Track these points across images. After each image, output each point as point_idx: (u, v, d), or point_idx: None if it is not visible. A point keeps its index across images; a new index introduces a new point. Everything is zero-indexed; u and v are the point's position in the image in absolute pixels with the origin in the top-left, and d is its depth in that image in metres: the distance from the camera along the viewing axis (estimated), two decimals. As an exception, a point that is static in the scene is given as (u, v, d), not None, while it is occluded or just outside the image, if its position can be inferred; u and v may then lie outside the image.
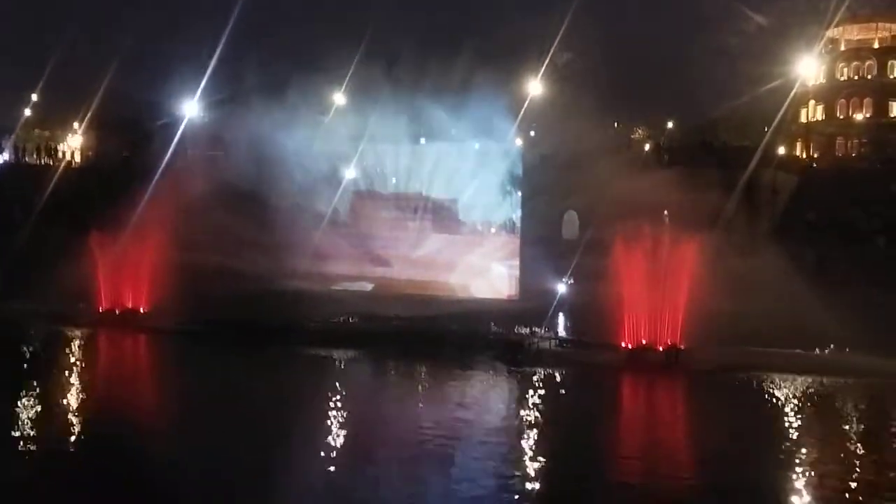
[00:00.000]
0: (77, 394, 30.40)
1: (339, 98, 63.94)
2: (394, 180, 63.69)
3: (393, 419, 27.58)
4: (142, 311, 46.62)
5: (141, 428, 25.15)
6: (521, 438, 25.25)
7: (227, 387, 30.78)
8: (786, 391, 31.92)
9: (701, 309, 35.20)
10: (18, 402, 27.45)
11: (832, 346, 35.70)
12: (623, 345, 36.36)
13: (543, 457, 23.49)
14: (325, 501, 20.40)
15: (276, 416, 26.26)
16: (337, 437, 24.77)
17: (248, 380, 32.16)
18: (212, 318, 42.75)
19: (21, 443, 23.61)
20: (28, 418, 26.23)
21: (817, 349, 35.79)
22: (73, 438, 24.36)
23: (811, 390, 32.07)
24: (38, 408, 27.37)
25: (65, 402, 28.68)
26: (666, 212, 53.26)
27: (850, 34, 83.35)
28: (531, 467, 22.61)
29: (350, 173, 60.67)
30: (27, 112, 66.91)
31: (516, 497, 20.48)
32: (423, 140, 63.87)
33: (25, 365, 35.21)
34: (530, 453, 23.88)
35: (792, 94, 69.94)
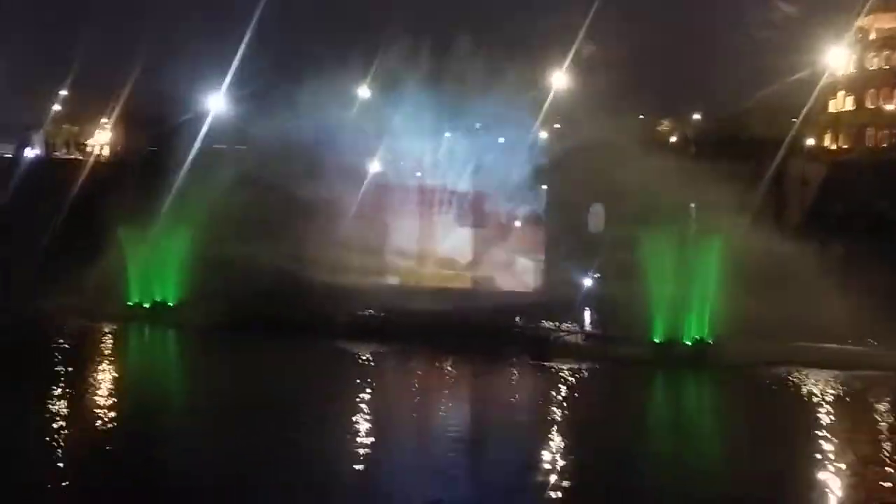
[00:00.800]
0: (89, 401, 29.16)
1: (363, 91, 64.47)
2: (418, 174, 64.37)
3: (416, 419, 27.87)
4: (171, 305, 47.58)
5: (166, 428, 25.71)
6: (544, 447, 23.79)
7: (255, 383, 30.84)
8: (820, 386, 32.05)
9: (729, 303, 35.46)
10: (52, 398, 28.25)
11: (861, 339, 35.84)
12: (651, 339, 36.74)
13: (570, 471, 22.18)
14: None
15: (301, 413, 26.68)
16: (360, 437, 24.68)
17: (278, 376, 32.41)
18: (239, 313, 43.44)
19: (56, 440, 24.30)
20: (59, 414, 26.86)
21: (848, 343, 35.94)
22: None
23: (845, 385, 32.16)
24: (67, 404, 27.92)
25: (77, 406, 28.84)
26: (693, 205, 53.45)
27: (881, 23, 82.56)
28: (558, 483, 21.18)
29: (375, 166, 61.34)
30: (56, 107, 68.14)
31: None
32: (447, 133, 64.38)
33: (55, 362, 35.84)
34: (556, 466, 22.51)
35: (820, 84, 69.55)
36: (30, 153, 67.87)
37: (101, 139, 69.20)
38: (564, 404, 29.84)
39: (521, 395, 31.75)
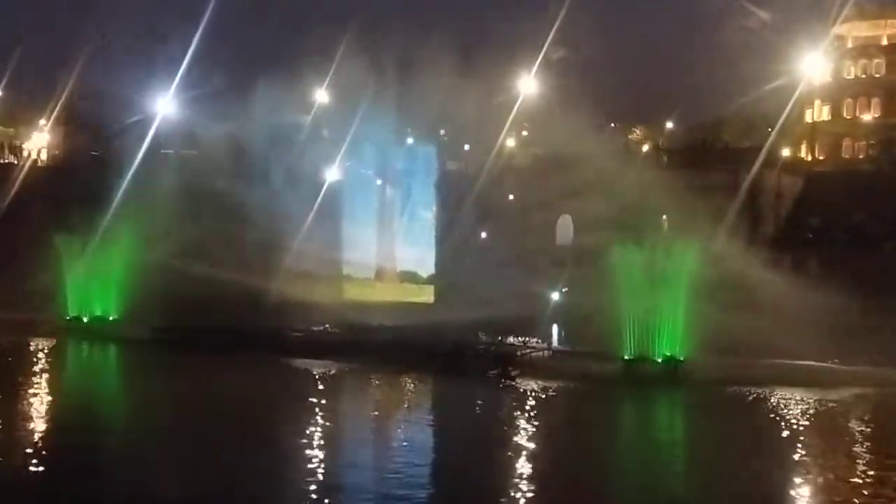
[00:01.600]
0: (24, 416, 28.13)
1: (321, 96, 63.64)
2: (378, 182, 63.49)
3: (369, 443, 26.88)
4: (111, 318, 46.20)
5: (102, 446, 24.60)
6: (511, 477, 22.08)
7: (198, 404, 29.67)
8: (794, 406, 31.61)
9: (701, 319, 35.00)
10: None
11: (836, 358, 35.62)
12: (620, 356, 36.14)
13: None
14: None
15: (247, 434, 25.59)
16: (307, 462, 23.14)
17: (222, 396, 31.25)
18: (184, 327, 42.31)
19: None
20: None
21: (822, 361, 35.67)
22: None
23: (819, 404, 31.78)
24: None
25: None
26: (665, 216, 53.22)
27: (858, 31, 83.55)
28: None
29: (333, 173, 60.41)
30: (-9, 108, 66.54)
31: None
32: (410, 140, 63.71)
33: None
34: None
35: (797, 93, 69.92)
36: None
37: (39, 142, 67.62)
38: (528, 425, 29.07)
39: (481, 416, 30.79)
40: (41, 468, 22.17)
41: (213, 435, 25.47)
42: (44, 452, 23.53)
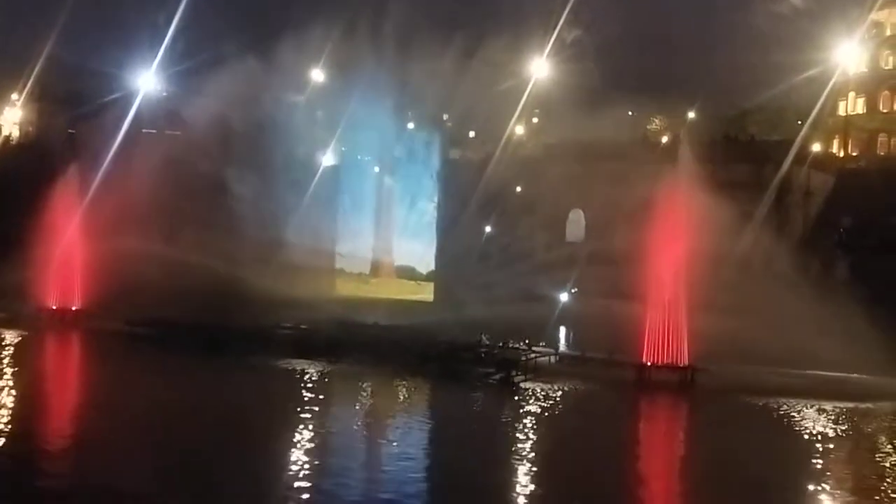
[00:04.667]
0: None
1: (316, 74, 63.86)
2: (376, 169, 63.86)
3: (360, 453, 26.34)
4: (84, 309, 46.49)
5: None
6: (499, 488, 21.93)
7: (173, 408, 28.63)
8: (813, 417, 31.95)
9: (720, 324, 35.29)
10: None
11: (858, 370, 35.97)
12: (632, 362, 36.47)
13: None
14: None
15: (224, 442, 25.18)
16: (290, 476, 22.36)
17: (198, 397, 31.18)
18: (163, 319, 42.57)
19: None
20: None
21: (844, 371, 36.01)
22: None
23: (843, 416, 32.13)
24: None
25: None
26: (685, 214, 53.46)
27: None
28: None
29: (327, 159, 60.79)
30: (-42, 81, 66.60)
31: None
32: (410, 125, 64.05)
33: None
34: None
35: (830, 84, 70.22)
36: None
37: (11, 118, 67.91)
38: (530, 437, 29.14)
39: (481, 426, 30.91)
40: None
41: (180, 446, 25.16)
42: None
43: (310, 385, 35.36)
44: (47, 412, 30.24)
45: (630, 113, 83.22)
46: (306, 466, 23.63)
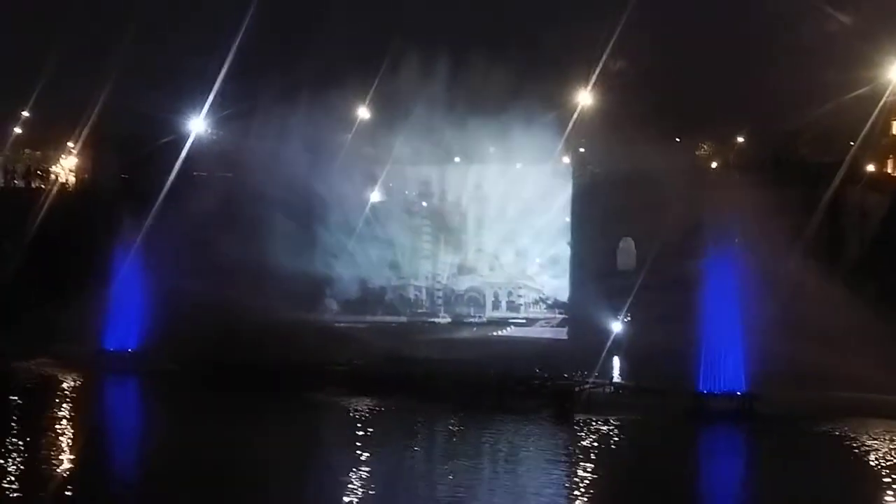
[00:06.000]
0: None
1: (363, 112, 64.59)
2: (424, 204, 64.24)
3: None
4: (141, 350, 47.24)
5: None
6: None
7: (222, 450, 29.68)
8: (883, 444, 31.30)
9: (778, 351, 34.84)
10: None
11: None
12: (689, 391, 36.11)
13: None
14: None
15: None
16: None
17: (260, 436, 31.61)
18: (216, 360, 43.07)
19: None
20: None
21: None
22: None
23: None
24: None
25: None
26: (737, 239, 52.94)
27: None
28: None
29: (375, 196, 61.30)
30: (17, 130, 68.40)
31: None
32: (457, 159, 64.37)
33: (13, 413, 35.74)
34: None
35: (882, 102, 69.23)
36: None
37: (67, 165, 69.39)
38: (585, 476, 28.61)
39: (538, 460, 30.71)
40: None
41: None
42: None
43: (363, 420, 35.60)
44: (114, 456, 30.98)
45: (677, 139, 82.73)
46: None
